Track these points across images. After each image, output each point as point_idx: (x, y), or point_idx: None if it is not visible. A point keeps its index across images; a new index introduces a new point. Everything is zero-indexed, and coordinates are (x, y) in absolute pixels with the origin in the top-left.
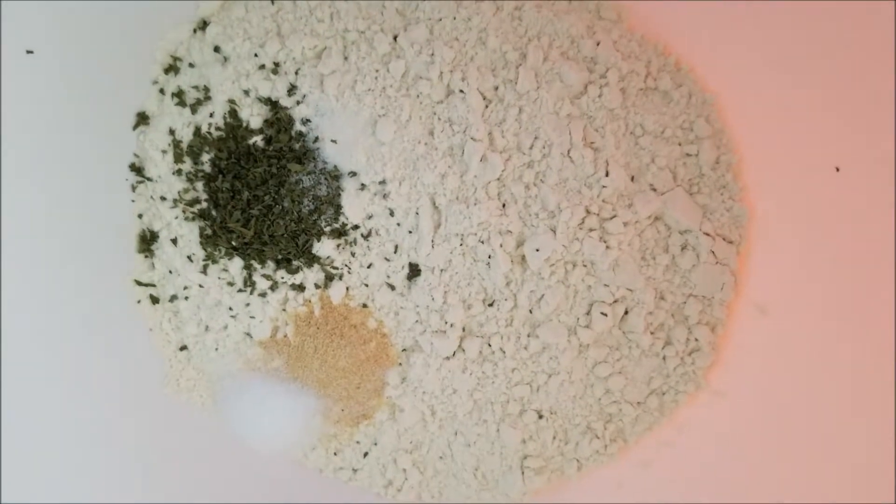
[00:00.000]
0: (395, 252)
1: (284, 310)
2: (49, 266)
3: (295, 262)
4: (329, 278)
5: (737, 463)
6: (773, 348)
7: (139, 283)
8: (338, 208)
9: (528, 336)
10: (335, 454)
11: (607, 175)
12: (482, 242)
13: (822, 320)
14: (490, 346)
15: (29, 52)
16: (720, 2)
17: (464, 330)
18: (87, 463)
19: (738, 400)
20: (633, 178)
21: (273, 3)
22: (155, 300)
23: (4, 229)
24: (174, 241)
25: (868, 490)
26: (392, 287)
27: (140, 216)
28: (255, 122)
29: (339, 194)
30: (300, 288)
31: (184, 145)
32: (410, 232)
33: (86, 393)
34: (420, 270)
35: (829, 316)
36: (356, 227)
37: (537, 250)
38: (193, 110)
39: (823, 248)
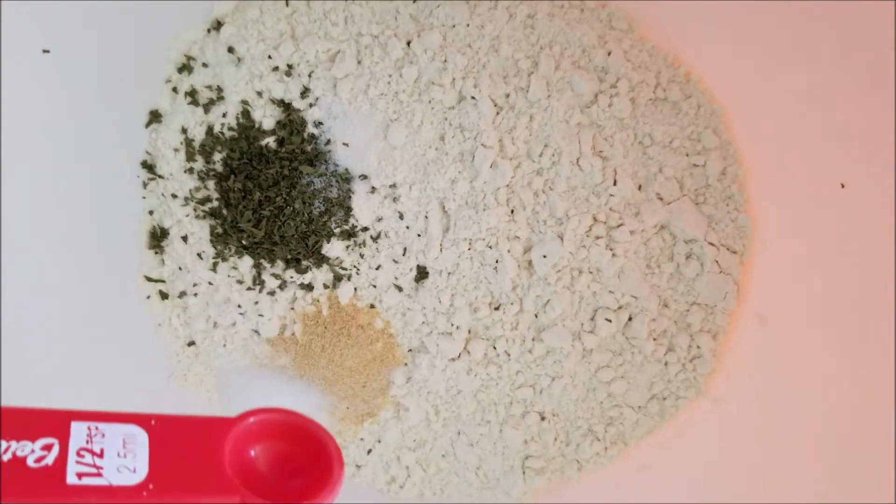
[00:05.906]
0: (404, 254)
1: (293, 308)
2: (59, 260)
3: (304, 262)
4: (338, 279)
5: (734, 467)
6: (773, 357)
7: (149, 279)
8: (348, 210)
9: (533, 340)
10: None
11: (615, 184)
12: (490, 247)
13: (821, 331)
14: (495, 348)
15: (45, 51)
16: (731, 14)
17: (469, 332)
18: None
19: (736, 406)
20: (640, 188)
21: (287, 5)
22: (164, 296)
23: (14, 222)
24: (184, 239)
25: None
26: (400, 289)
27: (151, 213)
28: (268, 124)
29: (350, 197)
30: (309, 287)
31: (196, 144)
32: (419, 235)
33: (94, 385)
34: (428, 273)
35: (829, 327)
36: (366, 229)
37: (544, 256)
38: (206, 110)
39: (825, 260)
